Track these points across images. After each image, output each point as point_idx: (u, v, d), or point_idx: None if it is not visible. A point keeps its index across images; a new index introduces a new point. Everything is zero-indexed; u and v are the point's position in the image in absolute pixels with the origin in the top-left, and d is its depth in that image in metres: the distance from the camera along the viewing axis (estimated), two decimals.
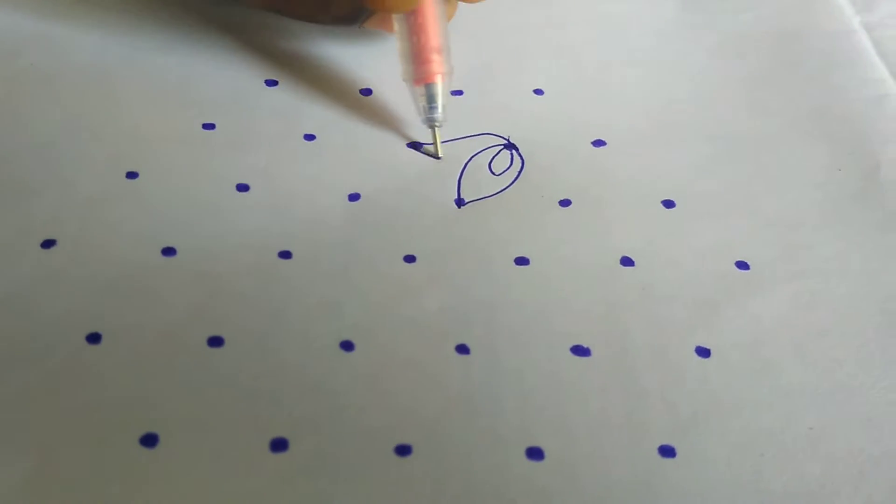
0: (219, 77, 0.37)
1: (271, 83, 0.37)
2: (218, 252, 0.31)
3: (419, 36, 0.33)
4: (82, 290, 0.30)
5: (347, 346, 0.29)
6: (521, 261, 0.31)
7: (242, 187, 0.33)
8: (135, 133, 0.34)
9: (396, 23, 0.34)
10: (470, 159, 0.35)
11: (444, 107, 0.34)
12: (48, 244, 0.31)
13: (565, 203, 0.33)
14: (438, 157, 0.35)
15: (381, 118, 0.36)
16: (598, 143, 0.35)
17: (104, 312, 0.29)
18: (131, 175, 0.33)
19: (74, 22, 0.38)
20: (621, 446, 0.27)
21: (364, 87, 0.37)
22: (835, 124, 0.36)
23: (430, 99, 0.34)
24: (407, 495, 0.26)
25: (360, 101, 0.37)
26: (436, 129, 0.34)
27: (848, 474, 0.27)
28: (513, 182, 0.34)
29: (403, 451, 0.27)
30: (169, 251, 0.31)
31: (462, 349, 0.29)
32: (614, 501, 0.26)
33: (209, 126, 0.35)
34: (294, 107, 0.36)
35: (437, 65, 0.34)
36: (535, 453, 0.27)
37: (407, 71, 0.34)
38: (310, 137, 0.35)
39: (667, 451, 0.27)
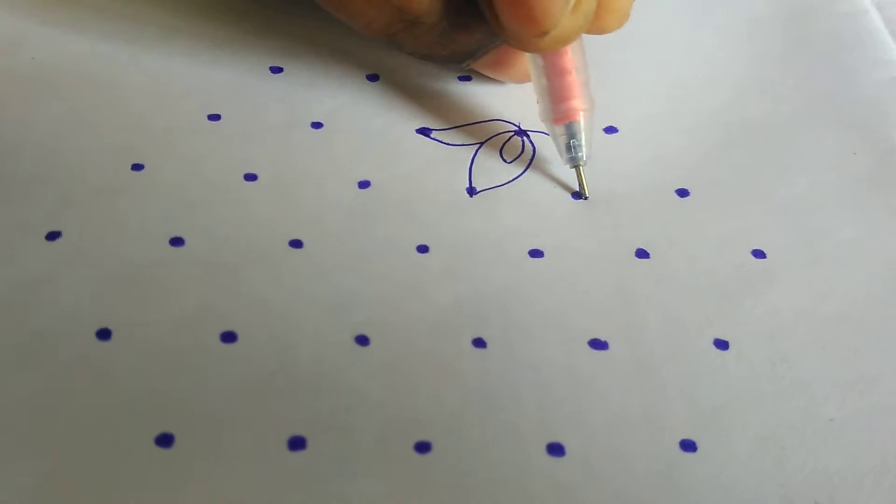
0: (223, 66, 0.36)
1: (276, 70, 0.36)
2: (227, 242, 0.31)
3: (565, 72, 0.31)
4: (90, 284, 0.29)
5: (363, 340, 0.29)
6: (536, 253, 0.31)
7: (250, 177, 0.32)
8: (139, 125, 0.34)
9: (532, 60, 0.32)
10: (480, 145, 0.34)
11: (589, 143, 0.32)
12: (53, 236, 0.30)
13: (578, 194, 0.33)
14: (586, 198, 0.33)
15: (388, 105, 0.35)
16: (610, 129, 0.35)
17: (113, 307, 0.29)
18: (137, 167, 0.32)
19: (75, 14, 0.37)
20: (642, 441, 0.27)
21: (370, 72, 0.36)
22: (848, 107, 0.36)
23: (574, 136, 0.32)
24: (428, 493, 0.26)
25: (366, 87, 0.36)
26: (581, 168, 0.33)
27: (870, 466, 0.26)
28: (524, 171, 0.33)
29: (423, 447, 0.27)
30: (177, 241, 0.30)
31: (479, 343, 0.29)
32: (636, 496, 0.26)
33: (214, 117, 0.34)
34: (300, 94, 0.35)
35: (580, 101, 0.32)
36: (555, 449, 0.27)
37: (546, 110, 0.32)
38: (317, 125, 0.34)
39: (688, 446, 0.27)
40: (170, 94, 0.35)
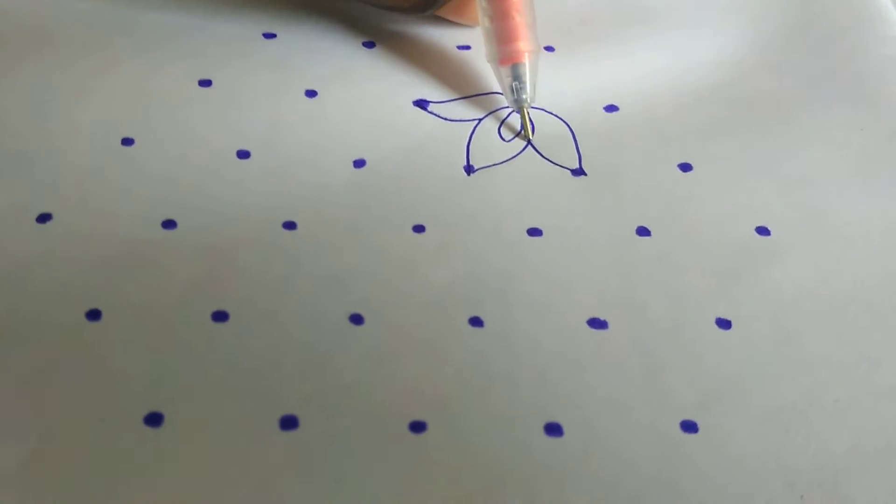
0: (214, 30, 0.35)
1: (269, 36, 0.35)
2: (220, 224, 0.30)
3: (509, 14, 0.32)
4: (80, 266, 0.29)
5: (357, 319, 0.28)
6: (534, 231, 0.30)
7: (243, 154, 0.32)
8: (128, 93, 0.33)
9: (479, 3, 0.32)
10: (479, 122, 0.33)
11: (533, 85, 0.33)
12: (43, 218, 0.30)
13: (578, 171, 0.32)
14: (528, 140, 0.33)
15: (385, 74, 0.35)
16: (611, 108, 0.34)
17: (104, 288, 0.28)
18: (127, 141, 0.32)
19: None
20: (642, 421, 0.26)
21: (367, 39, 0.36)
22: (854, 83, 0.35)
23: (519, 79, 0.32)
24: (423, 473, 0.25)
25: (363, 54, 0.35)
26: (525, 109, 0.33)
27: (876, 447, 0.26)
28: (523, 149, 0.33)
29: (418, 427, 0.26)
30: (169, 224, 0.30)
31: (475, 322, 0.28)
32: (636, 478, 0.25)
33: (206, 83, 0.34)
34: (294, 60, 0.34)
35: (525, 43, 0.32)
36: (553, 429, 0.26)
37: (492, 51, 0.33)
38: (311, 93, 0.34)
39: (689, 427, 0.26)
40: (160, 60, 0.34)
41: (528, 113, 0.33)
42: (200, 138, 0.32)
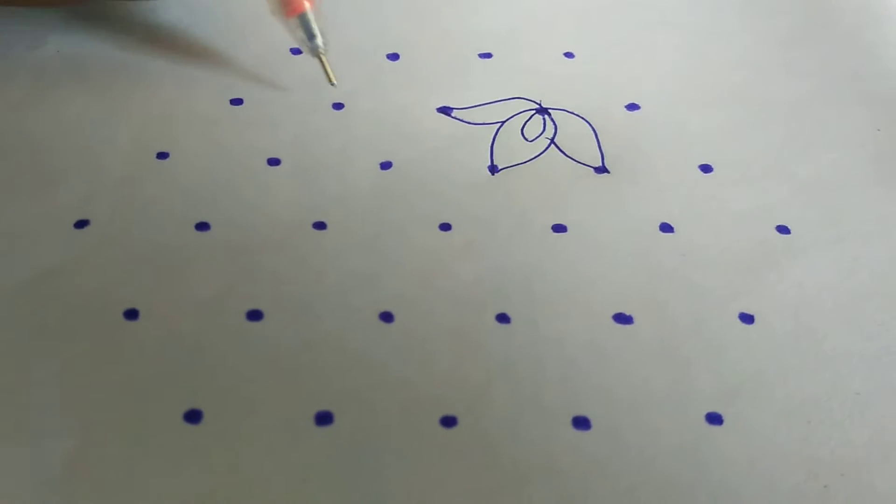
0: (244, 49, 0.36)
1: (296, 52, 0.36)
2: (252, 225, 0.31)
3: None
4: (117, 268, 0.30)
5: (387, 317, 0.29)
6: (559, 228, 0.31)
7: (273, 161, 0.33)
8: (163, 113, 0.34)
9: None
10: (502, 124, 0.34)
11: (322, 32, 0.34)
12: (81, 224, 0.31)
13: (601, 169, 0.33)
14: (334, 84, 0.34)
15: (409, 84, 0.35)
16: (632, 106, 0.35)
17: (140, 289, 0.29)
18: (161, 155, 0.33)
19: (96, 5, 0.37)
20: (667, 414, 0.27)
21: (391, 51, 0.36)
22: (871, 84, 0.36)
23: (308, 28, 0.33)
24: (455, 467, 0.26)
25: (387, 65, 0.36)
26: (322, 57, 0.34)
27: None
28: (546, 148, 0.33)
29: (449, 422, 0.27)
30: (202, 226, 0.31)
31: (503, 318, 0.29)
32: (662, 469, 0.26)
33: (237, 101, 0.34)
34: (321, 75, 0.35)
35: None
36: (581, 422, 0.27)
37: (276, 7, 0.33)
38: (338, 106, 0.34)
39: (714, 419, 0.27)
40: (193, 81, 0.35)
41: (325, 60, 0.34)
42: (232, 149, 0.33)
